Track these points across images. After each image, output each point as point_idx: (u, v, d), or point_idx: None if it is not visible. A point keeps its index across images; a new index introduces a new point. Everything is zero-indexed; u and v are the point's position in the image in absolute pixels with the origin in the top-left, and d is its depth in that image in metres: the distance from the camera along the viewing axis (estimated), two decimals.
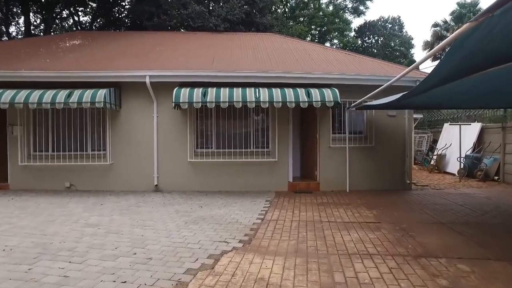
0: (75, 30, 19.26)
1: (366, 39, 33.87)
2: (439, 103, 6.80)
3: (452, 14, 25.07)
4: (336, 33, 31.20)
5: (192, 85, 7.34)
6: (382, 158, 8.08)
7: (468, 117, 12.21)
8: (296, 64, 8.57)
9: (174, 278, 3.12)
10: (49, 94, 6.86)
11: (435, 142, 13.35)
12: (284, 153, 7.98)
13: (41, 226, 4.81)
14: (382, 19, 33.98)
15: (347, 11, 32.36)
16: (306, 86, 7.45)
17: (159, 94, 7.70)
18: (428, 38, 25.56)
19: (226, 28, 15.17)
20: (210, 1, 17.89)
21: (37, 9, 19.13)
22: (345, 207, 6.19)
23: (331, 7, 31.79)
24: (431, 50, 3.62)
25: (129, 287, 2.93)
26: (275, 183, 7.90)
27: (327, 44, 28.44)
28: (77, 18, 21.05)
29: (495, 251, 3.87)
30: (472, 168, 10.15)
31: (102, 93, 6.95)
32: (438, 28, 24.67)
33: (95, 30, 18.63)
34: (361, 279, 3.12)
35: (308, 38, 27.59)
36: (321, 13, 30.02)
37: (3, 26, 18.59)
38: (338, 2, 31.63)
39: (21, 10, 18.11)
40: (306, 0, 29.33)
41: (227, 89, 7.08)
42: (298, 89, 7.21)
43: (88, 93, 6.96)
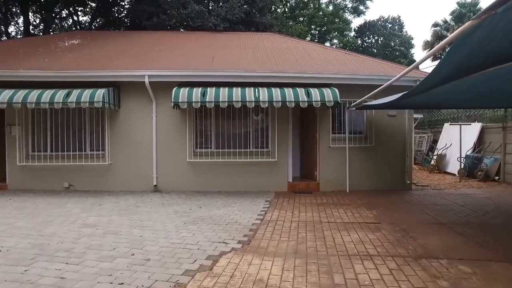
0: (75, 30, 19.21)
1: (366, 39, 33.87)
2: (439, 103, 6.77)
3: (452, 13, 25.07)
4: (336, 33, 31.20)
5: (192, 84, 7.31)
6: (382, 158, 8.04)
7: (468, 117, 12.18)
8: (296, 64, 8.54)
9: (172, 280, 3.08)
10: (47, 94, 6.83)
11: (435, 142, 13.32)
12: (284, 153, 7.95)
13: (38, 227, 4.78)
14: (382, 19, 33.99)
15: (347, 11, 32.38)
16: (306, 85, 7.42)
17: (158, 94, 7.67)
18: (428, 38, 25.58)
19: (225, 28, 15.13)
20: (209, 0, 17.87)
21: (36, 9, 19.09)
22: (345, 208, 6.15)
23: (331, 7, 31.81)
24: (431, 50, 3.59)
25: None
26: (274, 183, 7.87)
27: (327, 44, 28.39)
28: (76, 18, 21.04)
29: (496, 252, 3.84)
30: (472, 168, 10.12)
31: (100, 93, 6.92)
32: (438, 28, 24.65)
33: (94, 30, 18.58)
34: (361, 280, 3.08)
35: (308, 38, 27.56)
36: (321, 13, 30.02)
37: (2, 26, 18.53)
38: (338, 2, 31.63)
39: (20, 10, 18.06)
40: (306, 0, 29.32)
41: (226, 88, 7.05)
42: (298, 88, 7.18)
43: (87, 93, 6.92)
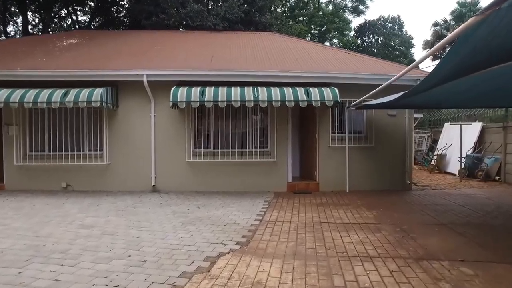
0: (74, 29, 19.15)
1: (366, 38, 33.84)
2: (440, 102, 6.71)
3: (452, 13, 25.04)
4: (336, 32, 31.17)
5: (190, 84, 7.25)
6: (382, 158, 7.99)
7: (469, 116, 12.12)
8: (295, 63, 8.48)
9: (169, 282, 3.03)
10: (44, 94, 6.77)
11: (435, 142, 13.27)
12: (283, 153, 7.89)
13: (35, 228, 4.72)
14: (382, 19, 33.96)
15: (346, 11, 32.36)
16: (305, 85, 7.36)
17: (157, 94, 7.61)
18: (428, 38, 25.54)
19: (225, 27, 15.08)
20: (209, 0, 17.81)
21: (35, 8, 19.03)
22: (344, 208, 6.10)
23: (330, 7, 31.78)
24: (432, 48, 3.53)
25: None
26: (274, 183, 7.81)
27: (327, 44, 28.35)
28: (75, 17, 20.97)
29: (498, 253, 3.79)
30: (473, 168, 10.06)
31: (98, 92, 6.86)
32: (438, 28, 24.60)
33: (93, 29, 18.52)
34: (361, 282, 3.03)
35: (308, 38, 27.51)
36: (320, 12, 29.98)
37: (0, 26, 18.47)
38: (337, 1, 31.61)
39: (18, 9, 17.99)
40: None
41: (225, 88, 7.00)
42: (297, 88, 7.13)
43: (85, 92, 6.87)
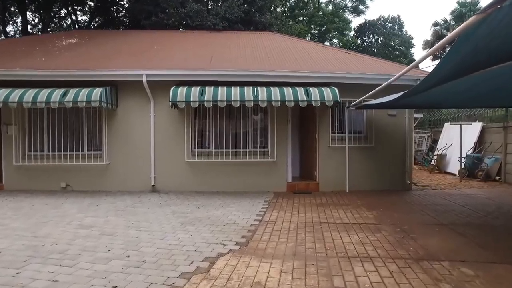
0: (73, 29, 19.12)
1: (366, 38, 33.81)
2: (440, 102, 6.69)
3: (452, 13, 25.02)
4: (336, 32, 31.15)
5: (190, 84, 7.23)
6: (382, 158, 7.97)
7: (468, 116, 12.10)
8: (295, 63, 8.45)
9: (168, 283, 3.01)
10: (43, 93, 6.75)
11: (435, 142, 13.25)
12: (283, 153, 7.87)
13: (33, 228, 4.70)
14: (382, 19, 33.94)
15: (346, 11, 32.35)
16: (305, 85, 7.34)
17: (156, 93, 7.59)
18: (428, 38, 25.53)
19: (224, 27, 15.05)
20: None
21: (35, 8, 19.00)
22: (344, 208, 6.08)
23: (330, 7, 31.77)
24: (432, 48, 3.51)
25: None
26: (273, 183, 7.79)
27: (327, 44, 28.34)
28: (75, 17, 20.94)
29: (499, 254, 3.77)
30: (473, 168, 10.04)
31: (98, 92, 6.84)
32: (438, 27, 24.59)
33: (93, 29, 18.49)
34: (361, 283, 3.01)
35: (308, 38, 27.50)
36: (320, 12, 29.97)
37: (0, 25, 18.44)
38: (337, 1, 31.59)
39: (18, 9, 17.96)
40: None
41: (225, 88, 6.98)
42: (297, 88, 7.10)
43: (84, 92, 6.84)
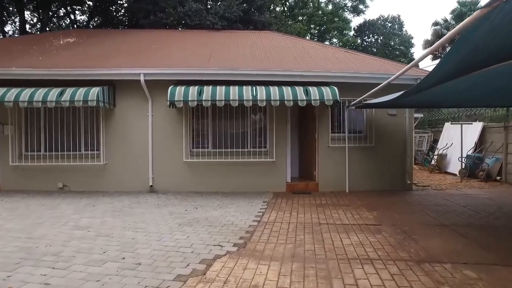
0: (72, 29, 19.03)
1: (366, 38, 33.72)
2: (440, 101, 6.63)
3: (452, 12, 24.94)
4: (336, 32, 31.08)
5: (188, 83, 7.16)
6: (382, 158, 7.90)
7: (469, 116, 12.04)
8: (295, 62, 8.38)
9: (163, 286, 2.94)
10: (40, 93, 6.67)
11: (435, 141, 13.18)
12: (282, 153, 7.80)
13: (28, 229, 4.63)
14: (382, 18, 33.85)
15: (346, 10, 32.25)
16: (305, 84, 7.27)
17: (154, 93, 7.52)
18: (428, 37, 25.47)
19: (223, 26, 14.97)
20: None
21: (33, 7, 18.91)
22: (344, 209, 6.01)
23: (330, 6, 31.67)
24: (432, 46, 3.44)
25: None
26: (273, 183, 7.72)
27: (326, 43, 28.27)
28: (73, 16, 20.85)
29: (501, 255, 3.70)
30: (473, 168, 9.97)
31: (95, 91, 6.76)
32: (438, 27, 24.51)
33: (91, 28, 18.40)
34: (361, 286, 2.94)
35: (308, 37, 27.42)
36: (320, 12, 29.90)
37: None
38: (337, 1, 31.51)
39: (16, 8, 17.86)
40: None
41: (223, 87, 6.91)
42: (296, 87, 7.04)
43: (81, 91, 6.77)
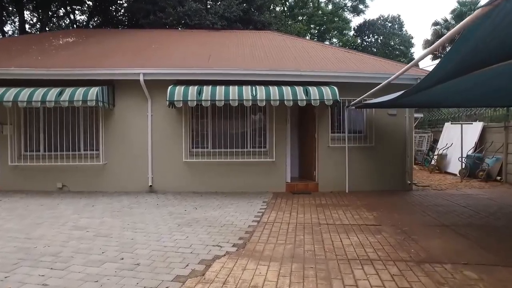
0: (71, 29, 19.00)
1: (366, 38, 33.68)
2: (440, 101, 6.60)
3: (452, 12, 24.90)
4: (336, 32, 31.06)
5: (188, 83, 7.15)
6: (382, 158, 7.88)
7: (469, 116, 12.02)
8: (294, 62, 8.36)
9: (161, 286, 2.92)
10: (39, 92, 6.66)
11: (435, 141, 13.16)
12: (282, 153, 7.78)
13: (27, 229, 4.61)
14: (382, 18, 33.81)
15: (346, 10, 32.22)
16: (304, 84, 7.25)
17: (154, 93, 7.50)
18: (429, 37, 25.41)
19: (223, 26, 14.94)
20: None
21: (33, 7, 18.88)
22: (344, 209, 5.99)
23: (330, 6, 31.64)
24: (432, 45, 3.42)
25: None
26: (272, 183, 7.70)
27: (326, 43, 28.24)
28: (73, 16, 20.83)
29: (502, 256, 3.68)
30: (474, 168, 9.95)
31: (94, 91, 6.75)
32: (438, 27, 24.47)
33: (91, 28, 18.38)
34: (361, 287, 2.92)
35: (308, 37, 27.39)
36: (320, 12, 29.87)
37: None
38: (337, 0, 31.47)
39: (15, 8, 17.84)
40: None
41: (223, 87, 6.89)
42: (296, 87, 7.02)
43: (80, 91, 6.75)
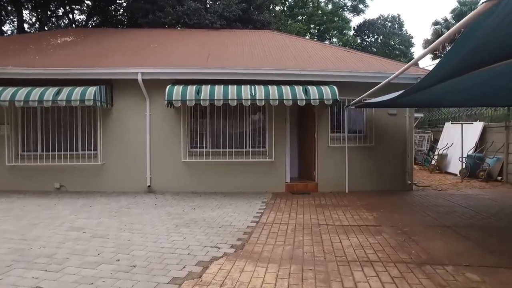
0: (70, 28, 18.93)
1: (366, 37, 33.63)
2: (440, 101, 6.55)
3: (452, 12, 24.79)
4: (335, 31, 30.99)
5: (186, 82, 7.09)
6: (382, 158, 7.82)
7: (469, 116, 11.96)
8: (294, 61, 8.30)
9: None
10: (36, 92, 6.61)
11: (435, 141, 13.11)
12: (281, 153, 7.72)
13: (22, 230, 4.55)
14: (382, 18, 33.77)
15: (346, 10, 32.15)
16: (304, 83, 7.20)
17: (152, 92, 7.44)
18: (429, 37, 25.31)
19: (222, 25, 14.87)
20: None
21: (32, 7, 18.82)
22: (344, 209, 5.93)
23: (330, 6, 31.57)
24: (432, 44, 3.36)
25: None
26: (271, 183, 7.64)
27: (326, 43, 28.18)
28: (72, 16, 20.77)
29: (504, 257, 3.62)
30: (474, 168, 9.90)
31: (92, 90, 6.69)
32: (438, 26, 24.39)
33: (90, 28, 18.31)
34: None
35: (307, 37, 27.33)
36: (320, 11, 29.80)
37: None
38: (337, 0, 31.39)
39: (14, 8, 17.77)
40: None
41: (222, 86, 6.83)
42: (296, 86, 6.96)
43: (78, 90, 6.70)
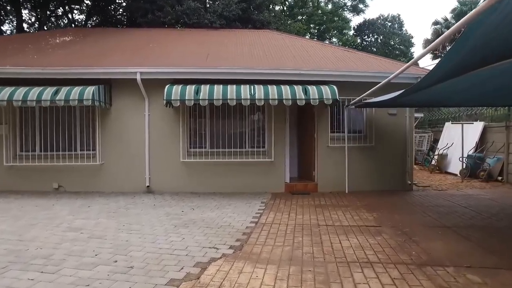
0: (69, 28, 18.89)
1: (366, 37, 33.59)
2: (440, 101, 6.53)
3: (452, 11, 24.75)
4: (335, 31, 30.95)
5: (185, 82, 7.06)
6: (382, 158, 7.79)
7: (469, 116, 11.93)
8: (294, 61, 8.27)
9: None
10: (34, 91, 6.57)
11: (436, 141, 13.08)
12: (281, 153, 7.69)
13: (20, 231, 4.52)
14: (382, 17, 33.73)
15: (346, 9, 32.12)
16: (304, 83, 7.16)
17: (151, 92, 7.41)
18: (429, 36, 25.27)
19: (222, 25, 14.83)
20: None
21: (31, 6, 18.78)
22: (343, 210, 5.90)
23: (330, 5, 31.53)
24: (432, 44, 3.33)
25: None
26: (271, 184, 7.61)
27: (326, 43, 28.15)
28: (71, 16, 20.74)
29: (505, 258, 3.59)
30: (474, 168, 9.86)
31: (90, 90, 6.66)
32: (438, 26, 24.36)
33: (90, 28, 18.27)
34: None
35: (307, 37, 27.30)
36: (320, 11, 29.76)
37: None
38: (337, 0, 31.35)
39: (13, 8, 17.73)
40: None
41: (221, 86, 6.80)
42: (295, 86, 6.93)
43: (76, 90, 6.67)
